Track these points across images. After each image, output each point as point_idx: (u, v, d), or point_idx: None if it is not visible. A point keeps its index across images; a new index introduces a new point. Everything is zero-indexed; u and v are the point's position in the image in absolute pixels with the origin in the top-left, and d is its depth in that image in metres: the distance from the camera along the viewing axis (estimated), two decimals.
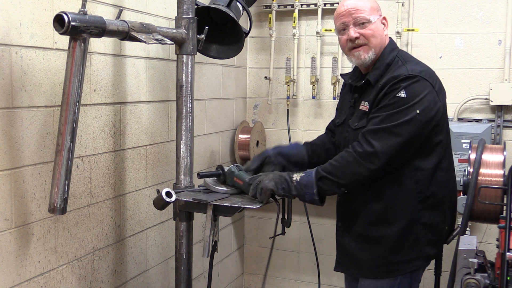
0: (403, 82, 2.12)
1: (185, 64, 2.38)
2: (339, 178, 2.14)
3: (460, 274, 1.91)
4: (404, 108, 2.09)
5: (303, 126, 3.87)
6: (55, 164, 1.86)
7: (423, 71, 2.19)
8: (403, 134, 2.09)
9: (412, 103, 2.09)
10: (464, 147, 3.24)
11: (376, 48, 2.24)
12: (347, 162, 2.13)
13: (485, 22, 3.36)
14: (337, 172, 2.14)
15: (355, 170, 2.12)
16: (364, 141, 2.12)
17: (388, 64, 2.23)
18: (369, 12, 2.22)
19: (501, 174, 2.22)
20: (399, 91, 2.11)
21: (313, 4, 3.69)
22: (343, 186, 2.17)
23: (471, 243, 2.00)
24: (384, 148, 2.08)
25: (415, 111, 2.09)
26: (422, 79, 2.14)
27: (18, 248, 2.00)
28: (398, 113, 2.09)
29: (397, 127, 2.08)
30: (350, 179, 2.15)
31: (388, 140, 2.08)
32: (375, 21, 2.22)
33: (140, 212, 2.73)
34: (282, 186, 2.17)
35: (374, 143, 2.08)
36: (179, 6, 2.38)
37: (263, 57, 3.92)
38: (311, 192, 2.15)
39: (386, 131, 2.09)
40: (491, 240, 3.29)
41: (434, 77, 2.22)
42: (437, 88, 2.19)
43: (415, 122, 2.09)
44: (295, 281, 3.99)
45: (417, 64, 2.24)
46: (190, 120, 2.42)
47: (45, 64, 2.08)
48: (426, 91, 2.13)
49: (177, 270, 2.43)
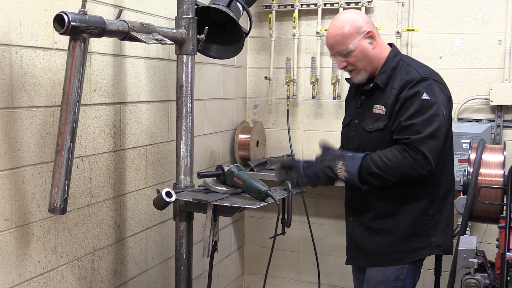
0: (419, 85, 2.24)
1: (185, 64, 2.38)
2: (387, 175, 2.23)
3: (460, 274, 1.92)
4: (434, 110, 2.21)
5: (303, 126, 3.87)
6: (55, 164, 1.86)
7: (432, 73, 2.34)
8: (441, 136, 2.23)
9: (438, 104, 2.22)
10: (464, 147, 3.24)
11: (367, 67, 2.36)
12: (401, 164, 2.21)
13: (485, 22, 3.35)
14: (388, 169, 2.22)
15: (406, 173, 2.21)
16: (416, 150, 2.19)
17: (394, 67, 2.34)
18: (347, 41, 2.31)
19: (501, 174, 2.22)
20: (422, 94, 2.22)
21: (313, 4, 3.69)
22: (384, 180, 2.24)
23: (471, 243, 2.00)
24: (433, 153, 2.20)
25: (442, 111, 2.23)
26: (434, 81, 2.28)
27: (18, 248, 2.00)
28: (433, 116, 2.21)
29: (438, 131, 2.21)
30: (394, 179, 2.23)
31: (433, 145, 2.20)
32: (356, 45, 2.31)
33: (140, 212, 2.73)
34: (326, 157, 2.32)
35: (424, 150, 2.18)
36: (179, 6, 2.38)
37: (263, 57, 3.92)
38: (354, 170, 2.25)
39: (431, 137, 2.20)
40: (491, 240, 3.29)
41: (440, 77, 2.36)
42: (445, 88, 2.34)
43: (445, 121, 2.25)
44: (295, 281, 3.99)
45: (424, 66, 2.38)
46: (190, 120, 2.42)
47: (45, 64, 2.08)
48: (440, 90, 2.27)
49: (177, 270, 2.43)
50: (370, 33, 2.32)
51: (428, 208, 2.33)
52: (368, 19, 2.40)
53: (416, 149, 2.19)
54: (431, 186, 2.32)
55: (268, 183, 2.37)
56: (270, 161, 3.73)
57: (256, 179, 2.30)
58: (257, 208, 2.19)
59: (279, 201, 2.25)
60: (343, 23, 2.32)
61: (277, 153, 3.90)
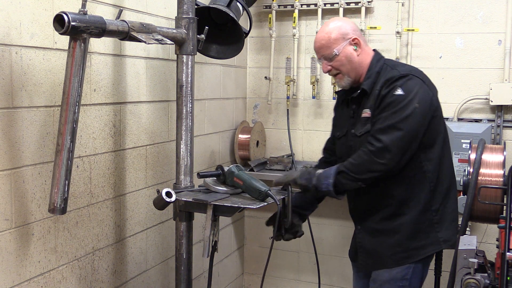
0: (397, 81, 2.30)
1: (185, 64, 2.38)
2: (356, 174, 2.29)
3: (460, 274, 1.92)
4: (404, 104, 2.25)
5: (303, 126, 3.87)
6: (55, 164, 1.86)
7: (412, 70, 2.39)
8: (407, 127, 2.24)
9: (410, 98, 2.26)
10: (464, 147, 3.24)
11: (350, 73, 2.40)
12: (363, 160, 2.28)
13: (485, 22, 3.35)
14: (354, 168, 2.29)
15: (369, 167, 2.27)
16: (374, 139, 2.27)
17: (378, 72, 2.39)
18: (332, 45, 2.37)
19: (501, 174, 2.22)
20: (395, 89, 2.29)
21: (313, 4, 3.69)
22: (360, 181, 2.31)
23: (471, 243, 2.00)
24: (394, 142, 2.23)
25: (414, 105, 2.25)
26: (414, 77, 2.32)
27: (18, 248, 2.00)
28: (400, 109, 2.25)
29: (401, 122, 2.24)
30: (366, 175, 2.29)
31: (395, 135, 2.23)
32: (341, 50, 2.37)
33: (140, 212, 2.73)
34: (305, 177, 2.36)
35: (383, 139, 2.24)
36: (179, 6, 2.38)
37: (263, 57, 3.92)
38: (327, 182, 2.31)
39: (392, 127, 2.24)
40: (491, 240, 3.29)
41: (422, 74, 2.39)
42: (427, 82, 2.37)
43: (416, 115, 2.25)
44: (295, 281, 3.99)
45: (405, 66, 2.48)
46: (190, 120, 2.42)
47: (45, 64, 2.08)
48: (419, 86, 2.30)
49: (177, 270, 2.43)
50: (356, 40, 2.39)
51: (431, 203, 2.36)
52: (356, 27, 2.46)
53: (376, 138, 2.25)
54: (430, 181, 2.35)
55: (268, 183, 2.37)
56: (270, 161, 3.73)
57: (256, 179, 2.30)
58: (257, 208, 2.19)
59: (279, 201, 2.25)
60: (331, 29, 2.40)
61: (277, 153, 3.90)
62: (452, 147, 3.27)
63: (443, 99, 3.45)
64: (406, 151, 2.26)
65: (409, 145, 2.25)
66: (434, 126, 2.35)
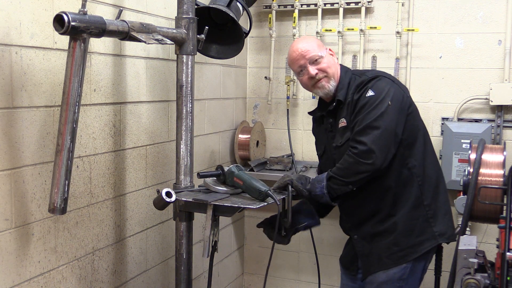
0: (367, 84, 2.38)
1: (185, 64, 2.38)
2: (345, 178, 2.33)
3: (460, 274, 1.92)
4: (377, 103, 2.31)
5: (303, 126, 3.87)
6: (55, 164, 1.86)
7: (380, 72, 2.48)
8: (383, 124, 2.29)
9: (382, 97, 2.32)
10: (464, 147, 3.24)
11: (334, 76, 2.49)
12: (349, 163, 2.32)
13: (485, 22, 3.35)
14: (342, 172, 2.34)
15: (357, 169, 2.30)
16: (356, 142, 2.31)
17: (348, 82, 2.48)
18: (318, 49, 2.48)
19: (501, 174, 2.22)
20: (366, 92, 2.36)
21: (313, 4, 3.69)
22: (350, 184, 2.34)
23: (471, 243, 2.00)
24: (374, 141, 2.27)
25: (387, 103, 2.31)
26: (382, 77, 2.41)
27: (18, 248, 2.00)
28: (373, 109, 2.31)
29: (377, 121, 2.29)
30: (355, 178, 2.32)
31: (374, 134, 2.28)
32: (325, 54, 2.49)
33: (140, 212, 2.73)
34: (301, 181, 2.41)
35: (364, 140, 2.28)
36: (179, 6, 2.38)
37: (263, 57, 3.92)
38: (321, 186, 2.36)
39: (370, 127, 2.29)
40: (491, 240, 3.29)
41: (391, 76, 2.49)
42: (396, 82, 2.46)
43: (390, 111, 2.31)
44: (295, 281, 3.99)
45: (373, 70, 2.62)
46: (190, 120, 2.42)
47: (45, 64, 2.08)
48: (389, 85, 2.38)
49: (177, 270, 2.43)
50: (331, 51, 2.54)
51: (422, 198, 2.40)
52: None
53: (357, 141, 2.30)
54: (417, 176, 2.39)
55: (268, 183, 2.37)
56: (270, 161, 3.73)
57: (256, 179, 2.30)
58: (257, 208, 2.19)
59: (279, 201, 2.25)
60: (310, 39, 2.55)
61: (277, 153, 3.90)
62: (452, 147, 3.31)
63: (443, 99, 3.47)
64: (389, 148, 2.30)
65: (389, 141, 2.29)
66: (412, 123, 2.40)
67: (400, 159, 2.37)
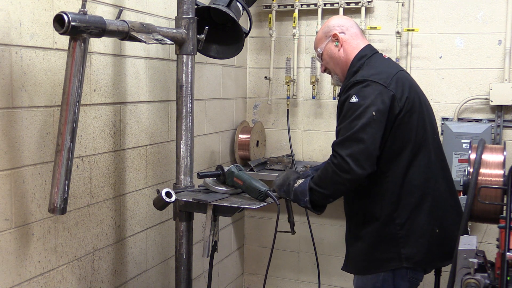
0: (351, 88, 2.22)
1: (185, 64, 2.38)
2: (323, 189, 2.24)
3: (460, 274, 1.91)
4: (359, 112, 2.16)
5: (303, 126, 3.87)
6: (55, 164, 1.86)
7: (374, 75, 2.24)
8: (365, 137, 2.14)
9: (366, 106, 2.15)
10: (464, 147, 3.24)
11: (336, 69, 2.42)
12: (327, 174, 2.22)
13: (485, 22, 3.35)
14: (321, 183, 2.25)
15: (335, 180, 2.20)
16: (335, 153, 2.19)
17: (355, 71, 2.31)
18: (317, 45, 2.44)
19: (501, 174, 2.22)
20: (350, 97, 2.19)
21: (313, 4, 3.69)
22: (329, 196, 2.27)
23: (471, 243, 1.99)
24: (353, 155, 2.14)
25: (371, 113, 2.15)
26: (372, 82, 2.20)
27: (18, 248, 2.00)
28: (355, 118, 2.16)
29: (358, 133, 2.14)
30: (333, 190, 2.24)
31: (354, 147, 2.14)
32: (324, 48, 2.41)
33: (140, 212, 2.73)
34: (283, 189, 2.33)
35: (342, 153, 2.15)
36: (179, 6, 2.38)
37: (263, 57, 3.92)
38: (305, 200, 2.27)
39: (350, 139, 2.16)
40: (491, 240, 3.29)
41: (388, 78, 2.23)
42: (391, 87, 2.21)
43: (374, 124, 2.15)
44: (295, 281, 3.99)
45: (372, 68, 2.29)
46: (190, 120, 2.42)
47: (45, 64, 2.08)
48: (377, 92, 2.18)
49: (177, 270, 2.43)
50: (335, 36, 2.38)
51: (393, 217, 2.25)
52: (343, 22, 2.41)
53: (335, 153, 2.18)
54: (391, 192, 2.25)
55: (268, 183, 2.38)
56: (270, 161, 3.73)
57: (256, 179, 2.30)
58: (257, 208, 2.20)
59: (279, 201, 2.25)
60: (319, 30, 2.47)
61: (277, 153, 3.90)
62: (452, 147, 3.30)
63: (443, 99, 3.47)
64: (370, 162, 2.16)
65: (370, 155, 2.16)
66: (400, 133, 2.23)
67: (378, 171, 2.22)
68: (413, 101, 2.27)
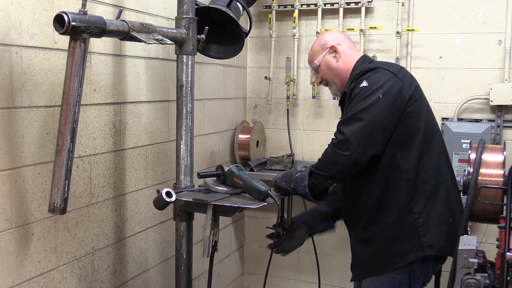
0: (364, 75, 2.27)
1: (185, 64, 2.38)
2: (323, 171, 2.25)
3: (460, 274, 1.91)
4: (367, 94, 2.20)
5: (303, 126, 3.87)
6: (55, 164, 1.86)
7: (384, 63, 2.36)
8: (368, 117, 2.17)
9: (374, 89, 2.20)
10: (464, 147, 3.24)
11: (334, 79, 2.44)
12: (327, 154, 2.25)
13: (485, 22, 3.36)
14: (321, 165, 2.26)
15: (334, 160, 2.21)
16: (337, 132, 2.23)
17: (358, 73, 2.33)
18: (314, 58, 2.47)
19: (501, 174, 2.22)
20: (361, 82, 2.24)
21: (313, 4, 3.69)
22: (329, 178, 2.26)
23: (471, 243, 1.99)
24: (354, 133, 2.16)
25: (378, 96, 2.19)
26: (383, 69, 2.27)
27: (18, 248, 2.00)
28: (362, 100, 2.20)
29: (362, 112, 2.18)
30: (332, 170, 2.24)
31: (356, 125, 2.17)
32: (321, 60, 2.44)
33: (140, 212, 2.73)
34: (285, 179, 2.33)
35: (344, 130, 2.18)
36: (179, 6, 2.38)
37: (263, 57, 3.92)
38: (303, 185, 2.26)
39: (353, 118, 2.19)
40: (491, 240, 3.29)
41: (397, 68, 2.31)
42: (400, 76, 2.27)
43: (379, 106, 2.18)
44: (295, 281, 3.99)
45: (380, 63, 2.39)
46: (190, 120, 2.42)
47: (45, 64, 2.08)
48: (387, 78, 2.24)
49: (177, 270, 2.43)
50: (333, 47, 2.42)
51: (411, 205, 2.24)
52: (338, 35, 2.49)
53: (338, 131, 2.21)
54: (407, 180, 2.25)
55: (268, 183, 2.37)
56: (270, 161, 3.73)
57: (256, 179, 2.30)
58: (257, 208, 2.19)
59: (279, 201, 2.25)
60: (314, 43, 2.50)
61: (277, 153, 3.90)
62: (452, 147, 3.30)
63: (443, 99, 3.47)
64: (371, 143, 2.17)
65: (372, 135, 2.16)
66: (411, 121, 2.24)
67: (389, 160, 2.24)
68: (420, 93, 2.33)
